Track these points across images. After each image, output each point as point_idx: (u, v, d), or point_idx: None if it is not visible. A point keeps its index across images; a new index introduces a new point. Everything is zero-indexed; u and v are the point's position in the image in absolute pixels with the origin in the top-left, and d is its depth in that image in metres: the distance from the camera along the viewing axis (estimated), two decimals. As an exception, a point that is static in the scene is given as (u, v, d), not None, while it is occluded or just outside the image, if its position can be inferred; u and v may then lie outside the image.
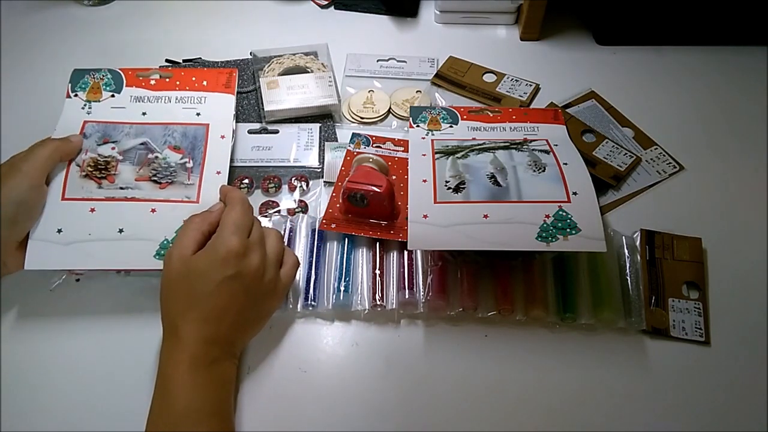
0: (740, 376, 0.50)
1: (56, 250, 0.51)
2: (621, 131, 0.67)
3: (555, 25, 0.77)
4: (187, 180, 0.56)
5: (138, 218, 0.53)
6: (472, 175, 0.55)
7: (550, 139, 0.60)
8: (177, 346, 0.45)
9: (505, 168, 0.56)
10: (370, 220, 0.57)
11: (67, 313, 0.54)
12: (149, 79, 0.61)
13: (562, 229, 0.50)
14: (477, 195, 0.53)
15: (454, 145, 0.60)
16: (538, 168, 0.55)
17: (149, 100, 0.60)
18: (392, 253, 0.57)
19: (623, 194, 0.62)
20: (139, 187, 0.55)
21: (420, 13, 0.81)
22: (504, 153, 0.58)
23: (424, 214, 0.52)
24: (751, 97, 0.70)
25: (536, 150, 0.58)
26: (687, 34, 0.75)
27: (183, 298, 0.46)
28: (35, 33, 0.79)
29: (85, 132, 0.57)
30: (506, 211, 0.52)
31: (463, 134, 0.62)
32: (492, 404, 0.49)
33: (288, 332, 0.53)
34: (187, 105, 0.61)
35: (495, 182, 0.54)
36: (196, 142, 0.58)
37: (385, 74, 0.73)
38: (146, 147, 0.57)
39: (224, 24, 0.80)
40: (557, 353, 0.52)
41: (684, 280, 0.55)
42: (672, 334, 0.52)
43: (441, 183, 0.55)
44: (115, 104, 0.60)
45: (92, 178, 0.55)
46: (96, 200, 0.54)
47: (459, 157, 0.57)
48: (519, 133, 0.62)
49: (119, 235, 0.52)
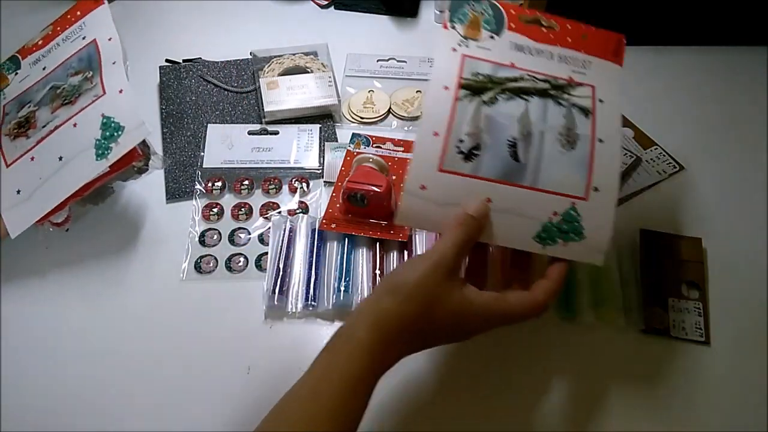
0: (740, 376, 0.50)
1: (24, 207, 0.55)
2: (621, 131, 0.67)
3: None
4: (90, 84, 0.58)
5: (67, 139, 0.56)
6: (493, 136, 0.46)
7: (599, 86, 0.50)
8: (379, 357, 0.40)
9: (532, 134, 0.46)
10: (370, 220, 0.57)
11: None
12: (36, 42, 0.64)
13: (565, 233, 0.44)
14: (489, 170, 0.45)
15: (486, 75, 0.48)
16: (569, 142, 0.46)
17: (43, 56, 0.63)
18: (392, 253, 0.57)
19: (623, 194, 0.62)
20: (57, 116, 0.58)
21: (420, 13, 0.81)
22: (538, 104, 0.47)
23: (422, 185, 0.44)
24: (751, 97, 0.70)
25: (576, 106, 0.48)
26: (687, 34, 0.75)
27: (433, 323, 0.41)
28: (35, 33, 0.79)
29: (6, 112, 0.61)
30: (513, 197, 0.45)
31: (502, 54, 0.50)
32: (492, 404, 0.49)
33: (288, 332, 0.53)
34: (73, 38, 0.63)
35: (514, 154, 0.45)
36: (91, 57, 0.60)
37: (385, 74, 0.73)
38: (54, 88, 0.60)
39: (224, 24, 0.80)
40: (557, 353, 0.52)
41: (684, 279, 0.55)
42: (672, 334, 0.52)
43: (454, 141, 0.45)
44: (21, 78, 0.63)
45: (20, 135, 0.58)
46: (30, 149, 0.57)
47: (486, 101, 0.47)
48: (566, 68, 0.50)
49: (61, 163, 0.55)
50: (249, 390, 0.50)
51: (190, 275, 0.57)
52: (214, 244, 0.59)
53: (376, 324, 0.40)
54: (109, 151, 0.54)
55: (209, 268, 0.57)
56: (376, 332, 0.40)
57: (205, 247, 0.58)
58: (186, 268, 0.57)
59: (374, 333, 0.40)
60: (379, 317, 0.40)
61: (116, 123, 0.54)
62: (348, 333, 0.41)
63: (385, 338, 0.40)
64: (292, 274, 0.56)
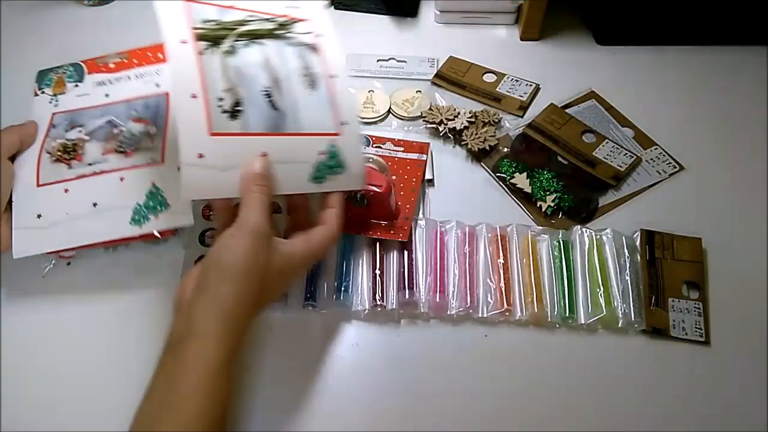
0: (740, 376, 0.50)
1: (39, 234, 0.52)
2: (621, 131, 0.67)
3: (555, 25, 0.77)
4: (151, 144, 0.57)
5: (108, 189, 0.54)
6: (247, 89, 0.46)
7: (314, 19, 0.52)
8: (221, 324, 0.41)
9: (280, 80, 0.48)
10: (370, 220, 0.57)
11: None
12: (108, 64, 0.63)
13: (332, 168, 0.48)
14: (256, 124, 0.45)
15: (214, 20, 0.47)
16: (311, 83, 0.49)
17: (110, 82, 0.61)
18: (392, 253, 0.57)
19: (623, 194, 0.62)
20: (107, 160, 0.56)
21: (420, 13, 0.81)
22: (274, 48, 0.49)
23: (199, 153, 0.43)
24: (751, 97, 0.70)
25: (303, 44, 0.50)
26: (687, 34, 0.75)
27: (257, 282, 0.42)
28: (35, 33, 0.79)
29: (54, 123, 0.58)
30: (286, 146, 0.46)
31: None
32: (492, 404, 0.49)
33: (288, 332, 0.53)
34: (146, 79, 0.62)
35: (272, 104, 0.46)
36: (159, 110, 0.59)
37: (385, 74, 0.73)
38: (111, 124, 0.58)
39: (224, 24, 0.80)
40: (557, 354, 0.52)
41: (684, 280, 0.55)
42: (672, 334, 0.52)
43: (214, 100, 0.44)
44: (80, 93, 0.61)
45: (62, 161, 0.56)
46: (68, 180, 0.55)
47: (227, 51, 0.46)
48: (280, 4, 0.52)
49: (94, 209, 0.53)
50: (249, 390, 0.50)
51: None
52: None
53: (224, 314, 0.41)
54: (146, 220, 0.53)
55: (209, 268, 0.57)
56: (227, 321, 0.41)
57: (205, 246, 0.58)
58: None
59: (225, 322, 0.41)
60: (224, 307, 0.41)
61: (163, 198, 0.53)
62: (192, 331, 0.40)
63: (236, 326, 0.41)
64: (292, 274, 0.56)
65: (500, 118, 0.67)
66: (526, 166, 0.62)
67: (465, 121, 0.66)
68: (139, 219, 0.53)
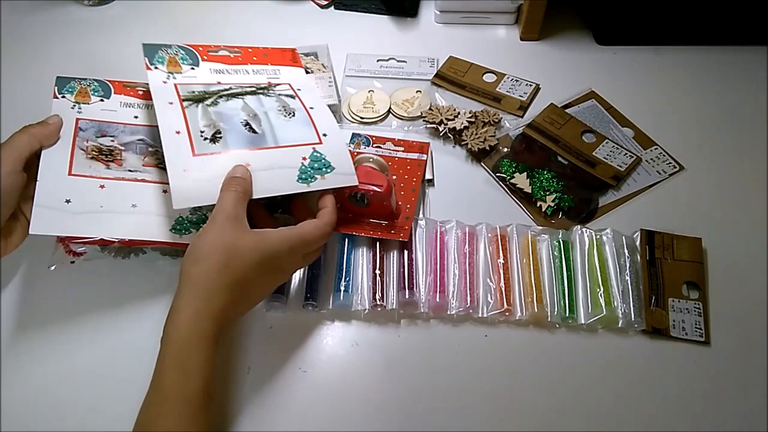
0: (740, 375, 0.50)
1: (65, 217, 0.51)
2: (621, 131, 0.67)
3: (555, 25, 0.77)
4: None
5: (151, 197, 0.54)
6: (227, 123, 0.55)
7: (293, 83, 0.63)
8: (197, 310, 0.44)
9: (258, 114, 0.57)
10: (370, 220, 0.57)
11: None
12: (137, 89, 0.63)
13: (319, 169, 0.53)
14: (235, 143, 0.53)
15: (200, 91, 0.59)
16: (288, 113, 0.58)
17: (139, 106, 0.62)
18: (392, 253, 0.57)
19: (623, 194, 0.62)
20: (148, 172, 0.56)
21: (420, 13, 0.81)
22: (253, 99, 0.59)
23: (184, 169, 0.51)
24: (751, 97, 0.70)
25: (282, 95, 0.61)
26: (687, 34, 0.75)
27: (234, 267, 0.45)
28: (35, 33, 0.79)
29: (80, 126, 0.58)
30: (266, 157, 0.53)
31: (206, 77, 0.62)
32: (492, 404, 0.49)
33: (288, 332, 0.53)
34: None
35: (250, 129, 0.55)
36: None
37: (385, 74, 0.73)
38: (144, 142, 0.59)
39: (224, 24, 0.80)
40: (557, 354, 0.52)
41: (684, 280, 0.55)
42: (672, 334, 0.52)
43: (196, 133, 0.54)
44: (105, 107, 0.61)
45: (99, 160, 0.55)
46: (106, 179, 0.54)
47: (209, 105, 0.57)
48: (262, 77, 0.64)
49: (133, 209, 0.53)
50: (249, 390, 0.50)
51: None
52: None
53: (194, 290, 0.44)
54: (187, 232, 0.53)
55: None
56: (197, 296, 0.44)
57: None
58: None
59: (195, 298, 0.44)
60: (194, 286, 0.44)
61: (206, 217, 0.54)
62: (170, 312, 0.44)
63: (207, 300, 0.44)
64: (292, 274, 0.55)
65: (500, 118, 0.67)
66: (525, 166, 0.62)
67: (465, 121, 0.66)
68: (180, 229, 0.53)
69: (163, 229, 0.53)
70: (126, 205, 0.53)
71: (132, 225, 0.52)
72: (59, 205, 0.51)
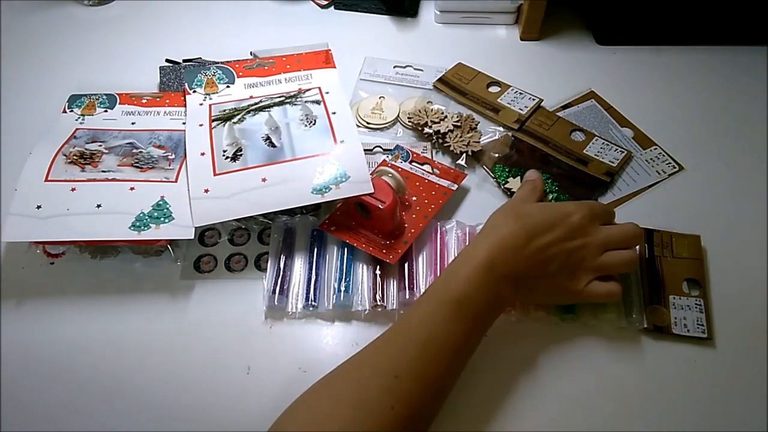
0: (743, 371, 0.50)
1: (34, 223, 0.53)
2: (620, 131, 0.67)
3: (555, 25, 0.77)
4: (168, 166, 0.59)
5: (116, 195, 0.55)
6: (248, 139, 0.58)
7: (323, 86, 0.65)
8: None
9: (279, 127, 0.60)
10: (369, 232, 0.56)
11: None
12: (141, 99, 0.65)
13: (335, 180, 0.55)
14: (254, 160, 0.57)
15: (231, 108, 0.62)
16: (310, 122, 0.60)
17: (140, 113, 0.64)
18: (392, 253, 0.56)
19: (623, 194, 0.62)
20: (121, 171, 0.58)
21: (420, 13, 0.81)
22: (279, 110, 0.62)
23: (206, 189, 0.54)
24: (751, 97, 0.70)
25: (309, 102, 0.63)
26: (687, 34, 0.75)
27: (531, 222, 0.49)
28: (35, 33, 0.79)
29: (75, 135, 0.60)
30: (282, 171, 0.56)
31: (240, 93, 0.64)
32: (492, 404, 0.49)
33: (288, 332, 0.53)
34: (174, 116, 0.64)
35: (270, 143, 0.58)
36: (181, 143, 0.61)
37: (399, 81, 0.72)
38: (132, 145, 0.60)
39: (224, 24, 0.80)
40: (558, 353, 0.52)
41: (684, 277, 0.55)
42: (674, 332, 0.52)
43: (219, 153, 0.57)
44: (107, 117, 0.63)
45: (77, 164, 0.57)
46: (78, 181, 0.56)
47: (235, 122, 0.60)
48: (294, 84, 0.65)
49: (96, 210, 0.54)
50: (249, 390, 0.50)
51: (189, 274, 0.56)
52: (214, 243, 0.58)
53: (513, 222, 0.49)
54: (146, 228, 0.53)
55: (209, 268, 0.57)
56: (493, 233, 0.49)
57: (204, 246, 0.58)
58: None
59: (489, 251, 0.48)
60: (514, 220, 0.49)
61: (168, 211, 0.54)
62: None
63: (488, 239, 0.48)
64: (293, 274, 0.56)
65: (478, 122, 0.66)
66: (519, 170, 0.62)
67: (450, 124, 0.65)
68: (139, 225, 0.53)
69: (122, 228, 0.53)
70: (91, 205, 0.54)
71: (93, 225, 0.53)
72: (30, 211, 0.53)
